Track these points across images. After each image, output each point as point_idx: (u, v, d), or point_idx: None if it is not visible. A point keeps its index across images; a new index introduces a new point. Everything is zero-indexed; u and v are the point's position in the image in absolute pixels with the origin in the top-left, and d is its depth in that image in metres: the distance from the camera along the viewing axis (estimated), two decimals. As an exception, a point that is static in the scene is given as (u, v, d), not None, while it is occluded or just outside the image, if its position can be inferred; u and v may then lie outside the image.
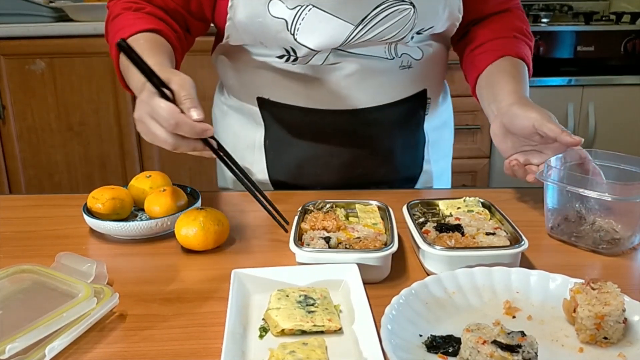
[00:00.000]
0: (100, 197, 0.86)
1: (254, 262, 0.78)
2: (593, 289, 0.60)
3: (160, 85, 0.72)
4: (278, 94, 1.02)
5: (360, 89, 0.99)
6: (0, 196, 1.06)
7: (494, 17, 1.05)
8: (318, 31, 0.91)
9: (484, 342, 0.52)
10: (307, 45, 0.93)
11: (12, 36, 2.32)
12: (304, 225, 0.78)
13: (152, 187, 0.91)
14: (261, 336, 0.60)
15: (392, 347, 0.54)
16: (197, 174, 2.54)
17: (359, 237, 0.75)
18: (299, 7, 0.90)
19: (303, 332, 0.60)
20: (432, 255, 0.71)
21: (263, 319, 0.62)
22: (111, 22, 0.98)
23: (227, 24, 0.95)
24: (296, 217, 0.79)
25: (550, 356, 0.56)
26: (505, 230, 0.77)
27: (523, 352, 0.51)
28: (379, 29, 0.93)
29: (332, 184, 1.06)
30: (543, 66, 2.41)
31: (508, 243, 0.73)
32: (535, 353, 0.52)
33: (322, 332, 0.60)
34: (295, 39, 0.92)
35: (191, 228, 0.79)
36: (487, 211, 0.84)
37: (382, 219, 0.82)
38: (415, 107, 1.07)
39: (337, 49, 0.94)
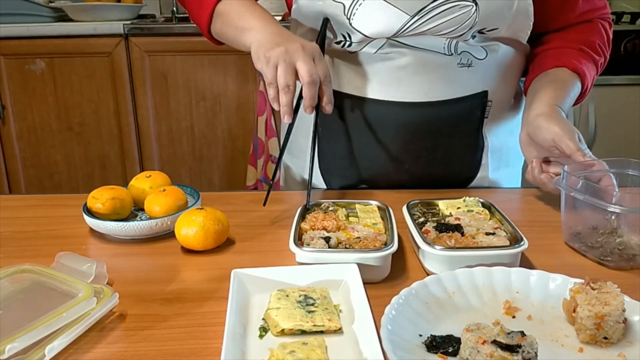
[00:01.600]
0: (100, 197, 0.86)
1: (254, 262, 0.77)
2: (593, 289, 0.60)
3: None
4: (332, 81, 1.01)
5: (412, 82, 0.98)
6: (0, 196, 1.06)
7: (573, 27, 1.04)
8: (373, 18, 0.92)
9: (484, 342, 0.52)
10: (361, 31, 0.94)
11: (12, 36, 2.32)
12: (303, 225, 0.78)
13: (152, 187, 0.91)
14: (261, 336, 0.60)
15: (392, 347, 0.54)
16: (197, 174, 2.54)
17: (359, 237, 0.75)
18: None
19: (303, 332, 0.60)
20: (432, 255, 0.71)
21: (263, 319, 0.62)
22: None
23: (293, 7, 1.00)
24: (296, 217, 0.79)
25: (550, 356, 0.56)
26: (505, 230, 0.77)
27: (523, 352, 0.51)
28: (435, 23, 0.92)
29: (381, 179, 1.06)
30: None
31: (508, 243, 0.73)
32: (535, 353, 0.52)
33: (322, 332, 0.60)
34: (351, 24, 0.94)
35: (191, 228, 0.79)
36: (486, 211, 0.83)
37: (382, 219, 0.82)
38: (472, 108, 1.04)
39: (392, 39, 0.94)
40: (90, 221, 0.85)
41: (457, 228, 0.77)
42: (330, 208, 0.84)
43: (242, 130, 2.46)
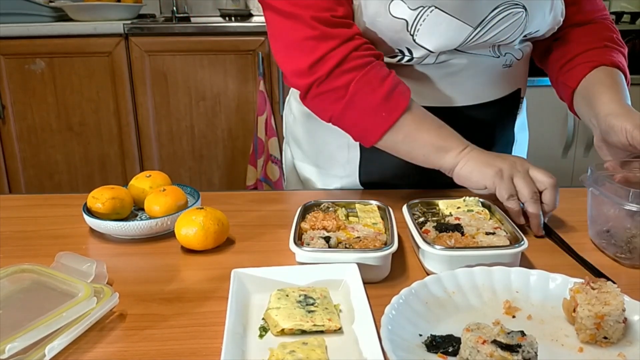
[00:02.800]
0: (100, 197, 0.86)
1: (254, 262, 0.77)
2: (593, 288, 0.60)
3: None
4: None
5: (463, 87, 0.99)
6: (0, 196, 1.05)
7: (581, 29, 1.02)
8: (438, 32, 0.90)
9: (484, 341, 0.52)
10: (425, 46, 0.92)
11: (12, 36, 2.32)
12: (303, 225, 0.78)
13: (152, 187, 0.91)
14: (261, 336, 0.60)
15: (392, 347, 0.54)
16: (197, 174, 2.54)
17: (358, 237, 0.75)
18: (421, 8, 0.89)
19: (303, 332, 0.60)
20: (432, 255, 0.71)
21: (263, 319, 0.62)
22: (351, 100, 0.87)
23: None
24: (296, 217, 0.79)
25: (550, 356, 0.56)
26: (505, 230, 0.77)
27: (523, 351, 0.51)
28: (495, 31, 0.92)
29: (425, 184, 1.04)
30: (543, 66, 2.41)
31: (508, 243, 0.73)
32: (535, 353, 0.52)
33: (322, 332, 0.60)
34: (415, 40, 0.91)
35: (191, 228, 0.79)
36: (486, 211, 0.83)
37: (382, 218, 0.82)
38: (510, 106, 1.06)
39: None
40: (90, 221, 0.85)
41: (457, 228, 0.77)
42: (330, 208, 0.84)
43: (242, 130, 2.46)
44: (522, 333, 0.53)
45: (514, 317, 0.63)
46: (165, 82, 2.40)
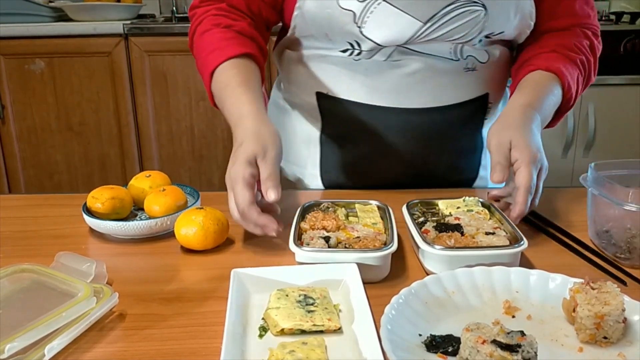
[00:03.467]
0: (100, 197, 0.86)
1: (253, 262, 0.78)
2: (593, 288, 0.60)
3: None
4: (338, 89, 1.01)
5: (421, 88, 0.98)
6: (0, 196, 1.05)
7: (552, 34, 1.00)
8: (385, 26, 0.91)
9: (484, 341, 0.52)
10: (372, 39, 0.92)
11: (12, 36, 2.32)
12: (303, 225, 0.78)
13: (151, 187, 0.91)
14: (261, 336, 0.60)
15: (392, 347, 0.54)
16: (197, 174, 2.54)
17: (358, 237, 0.75)
18: (369, 1, 0.89)
19: (303, 332, 0.60)
20: (432, 255, 0.71)
21: (263, 319, 0.62)
22: (200, 36, 0.97)
23: (295, 13, 0.95)
24: (295, 217, 0.79)
25: (550, 356, 0.56)
26: (504, 230, 0.77)
27: (523, 351, 0.51)
28: (446, 28, 0.92)
29: (384, 183, 1.05)
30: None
31: (508, 243, 0.73)
32: (535, 353, 0.52)
33: (321, 332, 0.60)
34: (362, 32, 0.92)
35: (191, 228, 0.79)
36: (486, 211, 0.83)
37: (382, 218, 0.82)
38: (476, 110, 1.05)
39: (402, 46, 0.94)
40: (90, 221, 0.85)
41: (457, 228, 0.77)
42: (330, 208, 0.84)
43: (242, 130, 2.45)
44: (522, 333, 0.53)
45: (513, 317, 0.63)
46: (165, 82, 2.40)
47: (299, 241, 0.73)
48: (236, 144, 0.82)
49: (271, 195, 0.76)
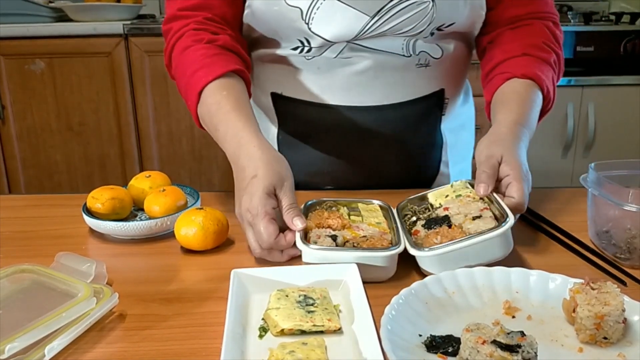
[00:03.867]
0: (100, 197, 0.86)
1: (253, 262, 0.78)
2: (593, 288, 0.60)
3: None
4: (292, 89, 1.01)
5: (374, 85, 0.98)
6: (0, 196, 1.05)
7: (511, 32, 0.98)
8: (333, 21, 0.91)
9: (484, 342, 0.52)
10: (321, 35, 0.92)
11: (12, 36, 2.32)
12: (309, 223, 0.77)
13: (151, 187, 0.91)
14: (261, 336, 0.60)
15: (392, 347, 0.54)
16: (197, 174, 2.54)
17: (365, 236, 0.75)
18: None
19: (303, 332, 0.60)
20: (423, 259, 0.71)
21: (263, 319, 0.62)
22: (180, 54, 0.92)
23: (246, 12, 0.95)
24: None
25: (550, 356, 0.56)
26: (492, 211, 0.75)
27: (523, 352, 0.51)
28: (395, 22, 0.91)
29: (344, 183, 1.05)
30: (543, 66, 2.41)
31: (493, 224, 0.72)
32: (535, 353, 0.52)
33: (321, 332, 0.60)
34: (310, 29, 0.91)
35: (191, 228, 0.79)
36: (475, 192, 0.80)
37: (385, 218, 0.82)
38: (431, 107, 1.05)
39: (352, 42, 0.93)
40: (90, 221, 0.85)
41: (445, 219, 0.77)
42: (333, 207, 0.84)
43: (242, 130, 2.45)
44: (522, 333, 0.53)
45: (513, 317, 0.63)
46: (165, 82, 2.40)
47: (306, 240, 0.73)
48: (244, 174, 0.78)
49: (298, 224, 0.74)
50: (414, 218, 0.82)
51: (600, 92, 2.47)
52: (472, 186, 0.82)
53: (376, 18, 0.90)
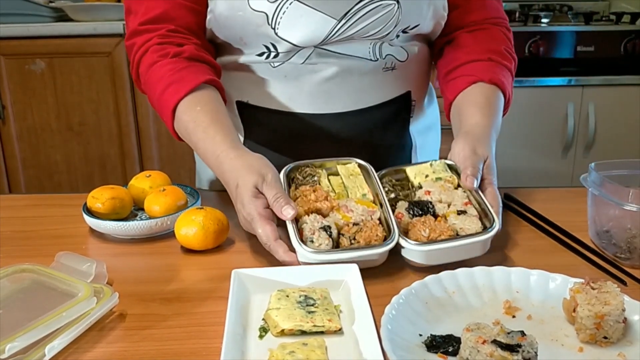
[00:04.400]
0: (100, 197, 0.86)
1: (254, 262, 0.78)
2: (593, 288, 0.60)
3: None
4: (258, 97, 1.00)
5: (342, 91, 0.98)
6: (0, 196, 1.06)
7: (471, 35, 1.00)
8: (299, 25, 0.90)
9: (484, 341, 0.52)
10: (288, 39, 0.91)
11: (12, 36, 2.32)
12: (298, 210, 0.76)
13: (151, 187, 0.91)
14: (261, 336, 0.60)
15: (392, 347, 0.54)
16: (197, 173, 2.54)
17: (357, 224, 0.75)
18: (280, 0, 0.88)
19: (303, 333, 0.60)
20: (410, 251, 0.73)
21: (263, 319, 0.62)
22: (147, 71, 0.91)
23: (208, 17, 0.93)
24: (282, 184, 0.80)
25: (550, 356, 0.56)
26: (474, 205, 0.78)
27: (523, 351, 0.51)
28: (361, 25, 0.91)
29: None
30: (543, 66, 2.41)
31: (478, 224, 0.75)
32: (535, 353, 0.52)
33: (322, 333, 0.60)
34: (277, 33, 0.91)
35: (191, 228, 0.79)
36: (454, 177, 0.83)
37: (367, 184, 0.83)
38: (399, 109, 1.05)
39: (320, 47, 0.93)
40: (90, 221, 0.85)
41: (428, 207, 0.78)
42: (314, 177, 0.84)
43: (242, 130, 2.45)
44: (522, 333, 0.53)
45: (514, 317, 0.63)
46: (165, 82, 2.40)
47: (299, 233, 0.73)
48: (230, 187, 0.79)
49: (288, 211, 0.74)
50: (393, 195, 0.83)
51: (601, 92, 2.47)
52: (450, 169, 0.85)
53: (343, 21, 0.90)
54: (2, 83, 2.38)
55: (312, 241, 0.72)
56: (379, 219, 0.76)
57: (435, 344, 0.57)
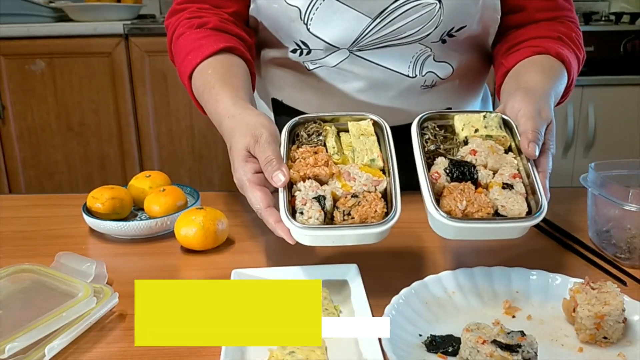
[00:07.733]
0: (100, 197, 0.86)
1: (253, 262, 0.78)
2: (593, 288, 0.60)
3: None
4: (291, 98, 1.00)
5: (371, 106, 0.94)
6: (0, 196, 1.05)
7: (540, 23, 0.93)
8: (332, 22, 0.88)
9: (484, 341, 0.52)
10: (320, 37, 0.89)
11: (12, 36, 2.32)
12: (293, 175, 0.67)
13: (151, 187, 0.91)
14: (261, 336, 0.60)
15: (392, 347, 0.54)
16: (197, 173, 2.54)
17: (356, 196, 0.65)
18: None
19: (303, 332, 0.60)
20: (438, 223, 0.63)
21: (263, 319, 0.62)
22: (175, 42, 0.92)
23: (251, 6, 0.94)
24: (283, 143, 0.71)
25: (550, 356, 0.56)
26: (523, 181, 0.67)
27: (523, 351, 0.51)
28: (397, 24, 0.87)
29: None
30: (543, 66, 2.41)
31: (523, 204, 0.64)
32: (535, 353, 0.52)
33: (321, 332, 0.60)
34: (309, 29, 0.89)
35: (191, 228, 0.79)
36: (507, 136, 0.72)
37: (380, 147, 0.71)
38: None
39: (354, 53, 0.91)
40: (90, 221, 0.85)
41: (472, 172, 0.67)
42: (320, 135, 0.73)
43: (242, 130, 2.45)
44: (522, 333, 0.53)
45: (514, 317, 0.63)
46: (165, 82, 2.40)
47: (291, 212, 0.64)
48: (228, 149, 0.74)
49: (279, 177, 0.65)
50: (433, 146, 0.71)
51: (600, 92, 2.47)
52: (505, 125, 0.73)
53: (378, 20, 0.87)
54: (2, 83, 2.39)
55: (301, 213, 0.63)
56: (384, 191, 0.66)
57: (435, 344, 0.57)
